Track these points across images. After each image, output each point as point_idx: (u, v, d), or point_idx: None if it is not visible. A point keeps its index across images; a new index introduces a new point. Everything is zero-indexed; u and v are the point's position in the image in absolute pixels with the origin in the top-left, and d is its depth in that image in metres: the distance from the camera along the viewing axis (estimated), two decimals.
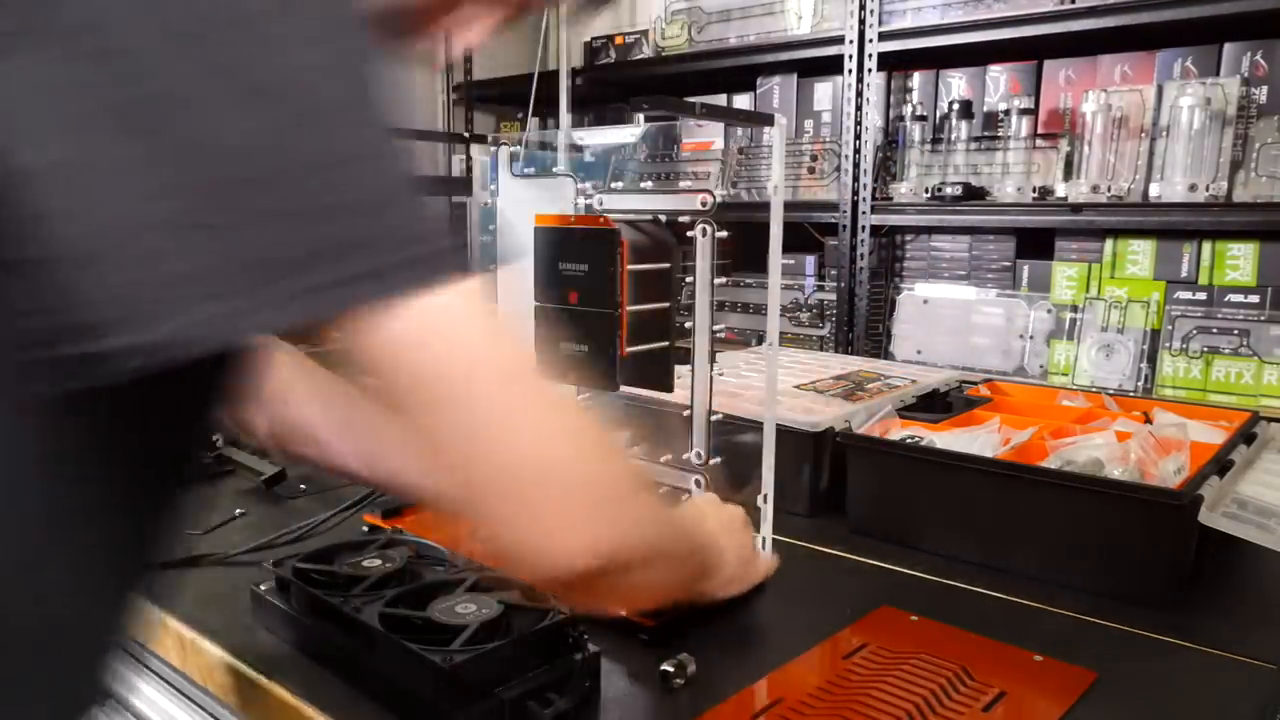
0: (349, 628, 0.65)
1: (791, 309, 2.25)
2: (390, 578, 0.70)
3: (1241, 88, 1.70)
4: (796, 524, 0.97)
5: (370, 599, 0.66)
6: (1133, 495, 0.81)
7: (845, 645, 0.72)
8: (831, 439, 0.99)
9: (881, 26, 2.03)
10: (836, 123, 2.18)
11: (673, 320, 0.76)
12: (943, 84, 2.09)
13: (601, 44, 2.68)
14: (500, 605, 0.64)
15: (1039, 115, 1.95)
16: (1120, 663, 0.71)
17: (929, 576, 0.86)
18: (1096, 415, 1.10)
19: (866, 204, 2.10)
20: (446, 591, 0.67)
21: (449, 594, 0.66)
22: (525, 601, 0.64)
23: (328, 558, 0.74)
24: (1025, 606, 0.80)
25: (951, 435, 1.01)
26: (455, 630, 0.61)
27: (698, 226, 0.73)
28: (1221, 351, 1.74)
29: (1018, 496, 0.87)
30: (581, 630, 0.63)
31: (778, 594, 0.82)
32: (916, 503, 0.93)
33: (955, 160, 2.03)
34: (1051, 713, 0.63)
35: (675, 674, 0.64)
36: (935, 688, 0.64)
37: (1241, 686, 0.67)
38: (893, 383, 1.21)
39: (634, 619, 0.71)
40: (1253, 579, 0.87)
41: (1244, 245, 1.74)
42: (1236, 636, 0.74)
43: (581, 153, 0.84)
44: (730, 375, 1.22)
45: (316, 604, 0.68)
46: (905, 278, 2.17)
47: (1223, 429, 1.03)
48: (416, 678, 0.59)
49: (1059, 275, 1.93)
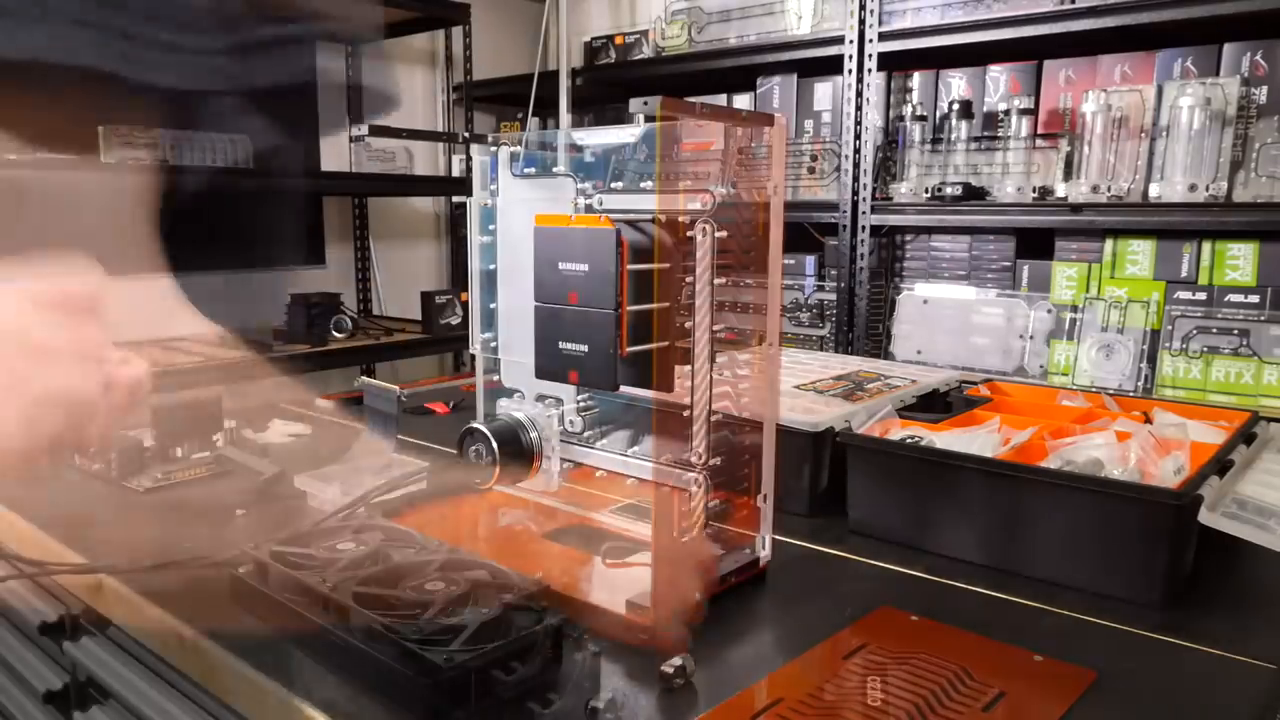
0: (325, 606, 0.68)
1: (791, 309, 2.25)
2: (364, 560, 0.74)
3: (1241, 88, 1.70)
4: (796, 524, 0.97)
5: (345, 579, 0.70)
6: (1133, 495, 0.81)
7: (845, 645, 0.72)
8: (831, 439, 0.99)
9: (881, 26, 2.03)
10: (836, 123, 2.18)
11: (673, 320, 0.76)
12: (943, 84, 2.10)
13: (601, 44, 2.68)
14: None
15: (1039, 115, 1.95)
16: (1120, 663, 0.71)
17: (929, 576, 0.86)
18: (1096, 415, 1.10)
19: (866, 204, 2.10)
20: (417, 574, 0.71)
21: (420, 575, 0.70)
22: (491, 580, 0.68)
23: (305, 542, 0.77)
24: (1025, 606, 0.80)
25: (951, 435, 1.01)
26: (425, 605, 0.65)
27: (698, 226, 0.73)
28: (1221, 351, 1.74)
29: (1018, 496, 0.87)
30: (583, 631, 0.63)
31: (777, 594, 0.82)
32: (916, 503, 0.93)
33: (955, 160, 2.03)
34: (1052, 712, 0.63)
35: (675, 675, 0.64)
36: (935, 688, 0.64)
37: (1241, 686, 0.67)
38: (893, 383, 1.21)
39: (633, 618, 0.71)
40: (1253, 579, 0.87)
41: (1244, 245, 1.74)
42: (1236, 636, 0.74)
43: (581, 153, 0.83)
44: (730, 375, 1.22)
45: (294, 585, 0.71)
46: (905, 278, 2.17)
47: (1223, 429, 1.03)
48: (386, 653, 0.62)
49: (1059, 275, 1.94)
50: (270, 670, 0.66)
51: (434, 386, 1.60)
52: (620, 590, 0.76)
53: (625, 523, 0.91)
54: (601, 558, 0.84)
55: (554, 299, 0.77)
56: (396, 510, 0.94)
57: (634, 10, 2.86)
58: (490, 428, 0.89)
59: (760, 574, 0.83)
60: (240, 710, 0.71)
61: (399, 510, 0.94)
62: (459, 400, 1.52)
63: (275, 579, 0.73)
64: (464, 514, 0.98)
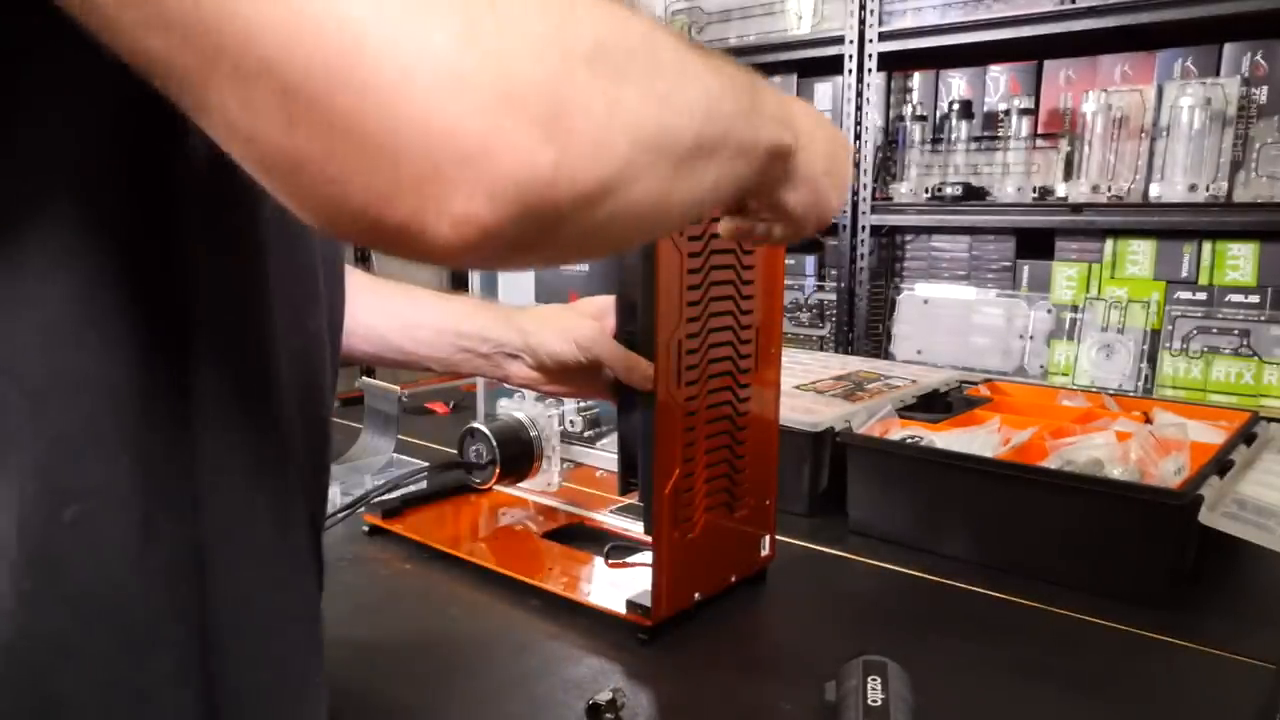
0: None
1: (791, 309, 2.25)
2: None
3: (1241, 88, 1.70)
4: (796, 524, 0.97)
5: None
6: (1133, 495, 0.81)
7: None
8: (831, 439, 0.99)
9: (881, 26, 2.03)
10: (836, 122, 2.18)
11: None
12: (943, 84, 2.09)
13: None
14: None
15: (1039, 115, 1.95)
16: (1120, 663, 0.71)
17: (929, 576, 0.86)
18: (1096, 415, 1.10)
19: (866, 204, 2.10)
20: None
21: None
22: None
23: None
24: (1025, 606, 0.80)
25: (951, 435, 1.01)
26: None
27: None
28: (1221, 351, 1.74)
29: (1018, 496, 0.87)
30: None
31: (777, 594, 0.82)
32: (916, 503, 0.93)
33: (955, 160, 2.03)
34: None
35: (605, 709, 0.61)
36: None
37: (1241, 686, 0.67)
38: (893, 383, 1.21)
39: (633, 619, 0.71)
40: (1253, 579, 0.87)
41: (1244, 245, 1.74)
42: (1236, 636, 0.74)
43: None
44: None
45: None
46: (905, 278, 2.17)
47: (1223, 429, 1.03)
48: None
49: (1059, 275, 1.93)
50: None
51: (434, 386, 1.60)
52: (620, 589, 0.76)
53: (625, 523, 0.92)
54: (604, 558, 0.84)
55: (554, 298, 0.77)
56: (397, 510, 0.94)
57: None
58: (490, 427, 0.89)
59: (760, 574, 0.83)
60: None
61: (399, 510, 0.94)
62: (459, 400, 1.52)
63: None
64: (464, 514, 0.98)
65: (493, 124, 0.26)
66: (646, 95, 0.30)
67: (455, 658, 0.70)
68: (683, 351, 0.69)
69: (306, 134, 0.26)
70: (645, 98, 0.30)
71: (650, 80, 0.31)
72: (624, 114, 0.29)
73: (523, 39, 0.27)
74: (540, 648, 0.71)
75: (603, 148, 0.29)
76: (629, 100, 0.29)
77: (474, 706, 0.64)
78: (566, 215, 0.28)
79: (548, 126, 0.27)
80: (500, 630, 0.74)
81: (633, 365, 0.70)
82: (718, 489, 0.76)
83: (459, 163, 0.26)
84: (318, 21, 0.25)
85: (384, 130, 0.25)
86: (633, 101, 0.30)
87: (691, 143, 0.33)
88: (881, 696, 0.56)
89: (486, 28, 0.26)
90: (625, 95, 0.29)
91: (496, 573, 0.82)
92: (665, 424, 0.69)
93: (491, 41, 0.26)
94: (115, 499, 0.34)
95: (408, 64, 0.25)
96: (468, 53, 0.26)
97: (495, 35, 0.26)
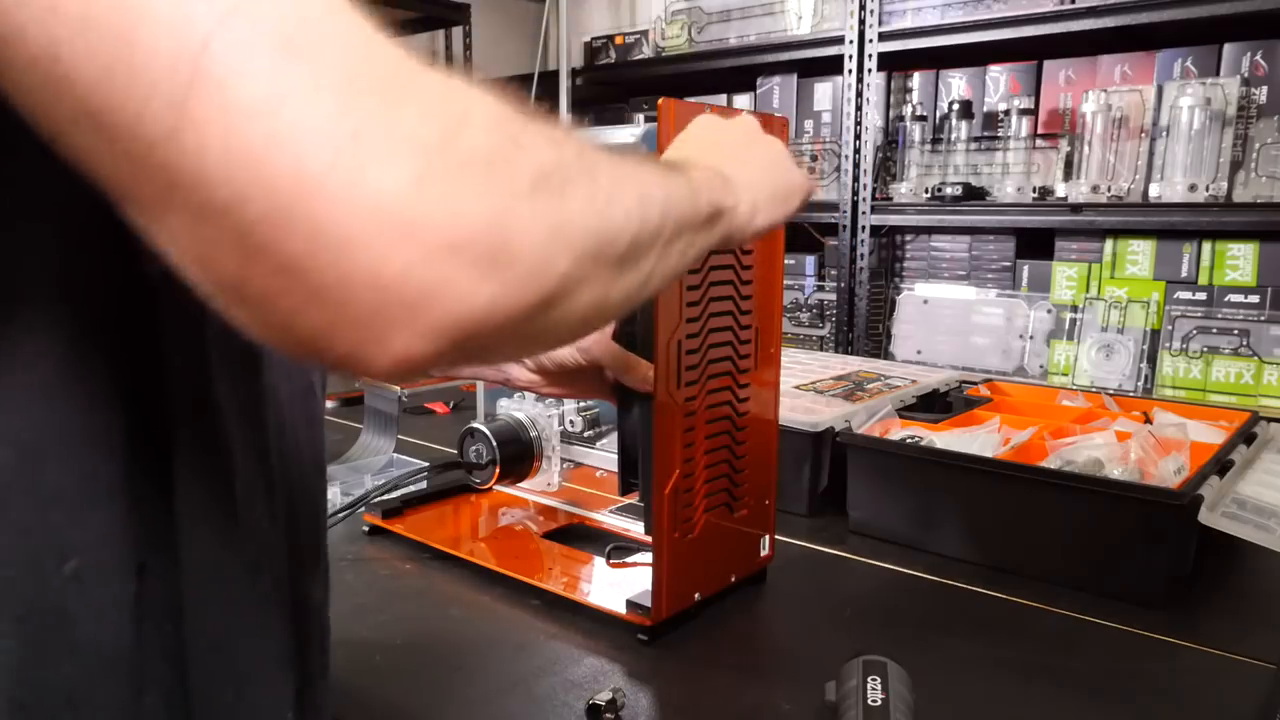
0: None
1: (791, 309, 2.25)
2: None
3: (1241, 88, 1.70)
4: (796, 524, 0.97)
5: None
6: (1133, 495, 0.81)
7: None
8: (831, 439, 0.99)
9: (881, 27, 2.03)
10: (836, 123, 2.18)
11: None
12: (943, 84, 2.10)
13: (601, 44, 2.68)
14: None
15: (1039, 115, 1.95)
16: (1120, 663, 0.71)
17: (929, 576, 0.86)
18: (1096, 415, 1.10)
19: (866, 204, 2.10)
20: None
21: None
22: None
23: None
24: (1025, 606, 0.80)
25: (951, 435, 1.01)
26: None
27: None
28: (1221, 351, 1.74)
29: (1018, 496, 0.87)
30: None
31: (777, 594, 0.82)
32: (916, 503, 0.93)
33: (955, 160, 2.03)
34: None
35: (605, 709, 0.61)
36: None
37: (1241, 686, 0.67)
38: (893, 383, 1.21)
39: (633, 619, 0.71)
40: (1252, 579, 0.87)
41: (1244, 245, 1.74)
42: (1236, 636, 0.74)
43: None
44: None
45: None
46: (905, 278, 2.17)
47: (1223, 429, 1.03)
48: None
49: (1059, 275, 1.94)
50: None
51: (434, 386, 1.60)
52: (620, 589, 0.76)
53: (625, 523, 0.92)
54: (604, 558, 0.84)
55: None
56: (397, 510, 0.94)
57: (634, 10, 2.86)
58: (490, 427, 0.89)
59: (760, 574, 0.83)
60: None
61: (399, 510, 0.94)
62: (459, 400, 1.52)
63: None
64: (464, 514, 0.98)
65: (437, 274, 0.27)
66: (586, 209, 0.31)
67: (455, 658, 0.70)
68: (682, 352, 0.69)
69: (260, 272, 0.26)
70: (585, 212, 0.31)
71: (590, 193, 0.32)
72: (565, 232, 0.30)
73: (470, 180, 0.27)
74: (540, 648, 0.71)
75: (544, 266, 0.29)
76: (570, 217, 0.30)
77: (474, 706, 0.64)
78: (507, 334, 0.29)
79: (490, 263, 0.28)
80: (500, 630, 0.74)
81: (632, 366, 0.70)
82: (717, 489, 0.76)
83: (402, 307, 0.27)
84: (272, 167, 0.25)
85: (335, 276, 0.26)
86: (574, 217, 0.31)
87: (630, 242, 0.34)
88: (881, 696, 0.56)
89: (436, 170, 0.27)
90: (566, 213, 0.30)
91: (496, 573, 0.82)
92: (665, 424, 0.69)
93: (440, 186, 0.27)
94: (112, 547, 0.34)
95: (360, 212, 0.26)
96: (418, 199, 0.26)
97: (444, 178, 0.27)
